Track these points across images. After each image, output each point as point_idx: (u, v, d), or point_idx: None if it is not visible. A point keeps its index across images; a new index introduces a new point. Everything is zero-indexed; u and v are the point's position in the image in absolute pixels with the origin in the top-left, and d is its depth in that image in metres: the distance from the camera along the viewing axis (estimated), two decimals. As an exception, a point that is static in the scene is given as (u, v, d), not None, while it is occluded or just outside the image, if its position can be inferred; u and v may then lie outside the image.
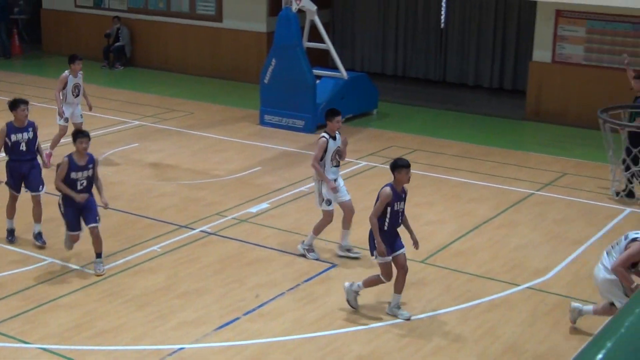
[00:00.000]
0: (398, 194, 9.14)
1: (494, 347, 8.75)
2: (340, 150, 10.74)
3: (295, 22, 17.28)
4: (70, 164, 10.07)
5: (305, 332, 9.01)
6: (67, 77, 14.41)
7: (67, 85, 14.38)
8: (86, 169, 10.17)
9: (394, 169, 9.21)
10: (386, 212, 9.10)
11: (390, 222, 9.15)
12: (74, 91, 14.43)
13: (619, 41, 17.54)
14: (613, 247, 8.58)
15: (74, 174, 10.08)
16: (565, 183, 14.15)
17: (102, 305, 9.55)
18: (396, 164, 9.23)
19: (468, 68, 21.93)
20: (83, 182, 10.16)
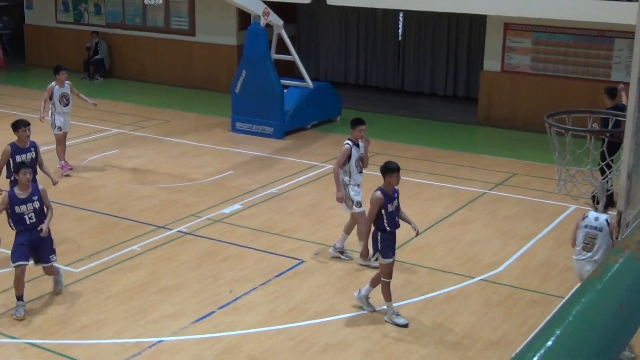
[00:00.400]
0: (389, 196, 9.00)
1: (451, 335, 8.80)
2: (363, 157, 10.65)
3: (263, 36, 17.26)
4: (12, 198, 8.98)
5: (276, 324, 9.00)
6: (53, 88, 14.14)
7: (54, 95, 14.11)
8: (30, 200, 9.00)
9: (385, 172, 9.05)
10: (382, 215, 8.94)
11: (388, 223, 8.96)
12: (61, 100, 14.16)
13: (562, 51, 17.70)
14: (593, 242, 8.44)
15: (17, 208, 8.96)
16: (515, 183, 14.25)
17: (86, 302, 9.47)
18: (387, 168, 9.07)
19: (424, 77, 22.01)
20: (31, 215, 9.02)
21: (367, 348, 8.49)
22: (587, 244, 8.52)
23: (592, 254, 8.48)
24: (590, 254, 8.50)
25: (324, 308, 9.38)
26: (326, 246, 11.19)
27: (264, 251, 11.07)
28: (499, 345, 8.60)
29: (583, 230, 8.56)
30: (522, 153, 16.19)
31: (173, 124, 18.38)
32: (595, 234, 8.48)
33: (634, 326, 2.95)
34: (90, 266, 10.43)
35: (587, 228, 8.53)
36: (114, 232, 11.70)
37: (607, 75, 17.26)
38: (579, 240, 8.57)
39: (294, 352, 8.39)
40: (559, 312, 2.82)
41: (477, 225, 12.16)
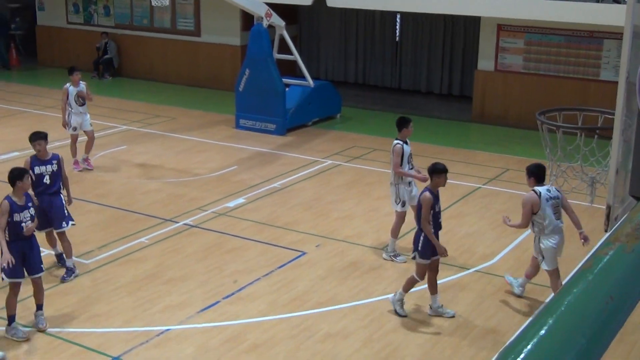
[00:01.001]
0: (436, 197, 8.84)
1: (447, 324, 8.81)
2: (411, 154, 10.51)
3: (266, 36, 17.24)
4: (12, 206, 8.29)
5: (279, 313, 9.00)
6: (67, 88, 13.93)
7: (69, 95, 13.91)
8: (27, 207, 8.40)
9: (433, 173, 8.83)
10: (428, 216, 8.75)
11: (433, 224, 8.79)
12: (77, 100, 13.92)
13: (553, 51, 17.68)
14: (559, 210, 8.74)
15: (16, 216, 8.31)
16: (508, 178, 14.25)
17: (95, 292, 9.48)
18: (435, 169, 8.85)
19: (421, 76, 21.98)
20: (28, 222, 8.37)
21: (367, 337, 8.49)
22: (556, 212, 8.70)
23: (561, 220, 8.79)
24: (560, 220, 8.78)
25: (324, 298, 9.38)
26: (327, 238, 11.19)
27: (267, 243, 11.07)
28: (493, 334, 8.60)
29: (548, 203, 8.67)
30: (515, 149, 16.18)
31: (179, 121, 18.37)
32: (558, 202, 8.73)
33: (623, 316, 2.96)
34: (99, 258, 10.43)
35: (550, 200, 8.68)
36: (122, 225, 11.70)
37: (596, 75, 17.26)
38: (549, 213, 8.63)
39: (295, 340, 8.40)
40: (551, 302, 2.82)
41: (471, 219, 12.16)
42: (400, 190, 10.43)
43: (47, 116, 18.60)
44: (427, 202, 8.70)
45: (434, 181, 8.85)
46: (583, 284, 2.93)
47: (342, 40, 22.83)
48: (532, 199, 8.68)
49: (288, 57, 18.30)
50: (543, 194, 8.67)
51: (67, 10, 24.89)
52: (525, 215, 8.75)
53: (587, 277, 2.97)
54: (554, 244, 8.76)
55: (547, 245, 8.78)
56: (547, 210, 8.64)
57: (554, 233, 8.75)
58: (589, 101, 16.69)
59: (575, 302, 2.78)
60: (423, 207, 8.72)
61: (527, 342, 2.56)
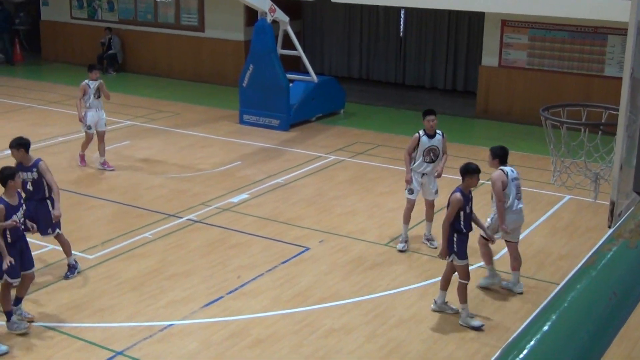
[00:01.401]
0: (467, 197, 8.64)
1: (450, 320, 8.80)
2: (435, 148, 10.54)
3: (270, 32, 17.23)
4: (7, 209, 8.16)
5: (282, 309, 9.01)
6: (87, 84, 13.72)
7: (88, 91, 13.68)
8: (20, 206, 8.39)
9: (466, 173, 8.63)
10: (459, 216, 8.56)
11: (464, 225, 8.61)
12: (95, 94, 13.75)
13: (557, 47, 17.65)
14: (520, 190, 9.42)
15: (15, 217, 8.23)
16: (512, 173, 14.21)
17: (99, 287, 9.50)
18: (468, 169, 8.65)
19: (425, 72, 21.96)
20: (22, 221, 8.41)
21: (370, 332, 8.50)
22: (518, 193, 9.32)
23: (522, 201, 9.42)
24: (521, 200, 9.41)
25: (328, 294, 9.39)
26: (330, 234, 11.19)
27: (271, 239, 11.08)
28: (496, 330, 8.60)
29: (513, 183, 9.24)
30: (519, 145, 16.15)
31: (183, 117, 18.37)
32: (519, 183, 9.42)
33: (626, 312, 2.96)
34: (103, 253, 10.45)
35: (515, 181, 9.30)
36: (126, 220, 11.71)
37: (600, 71, 17.23)
38: (512, 192, 9.19)
39: (298, 335, 8.41)
40: (554, 298, 2.82)
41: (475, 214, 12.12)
42: (412, 177, 10.59)
43: (50, 111, 18.63)
44: (456, 203, 8.52)
45: (466, 182, 8.68)
46: (586, 280, 2.93)
47: (346, 36, 22.82)
48: (501, 177, 9.19)
49: (292, 53, 18.29)
50: (509, 173, 9.25)
51: (71, 6, 24.90)
52: (498, 192, 9.17)
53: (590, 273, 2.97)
54: (512, 221, 9.27)
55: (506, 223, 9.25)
56: (512, 190, 9.20)
57: (512, 213, 9.24)
58: (593, 97, 16.65)
59: (578, 298, 2.79)
60: (450, 207, 8.57)
61: (530, 338, 2.56)
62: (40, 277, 9.61)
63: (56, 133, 16.35)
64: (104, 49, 23.51)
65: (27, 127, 16.97)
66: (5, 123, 17.42)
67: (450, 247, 8.62)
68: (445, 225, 8.60)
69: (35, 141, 15.75)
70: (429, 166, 10.59)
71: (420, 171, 10.60)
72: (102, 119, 14.01)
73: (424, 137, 10.50)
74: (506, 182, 9.19)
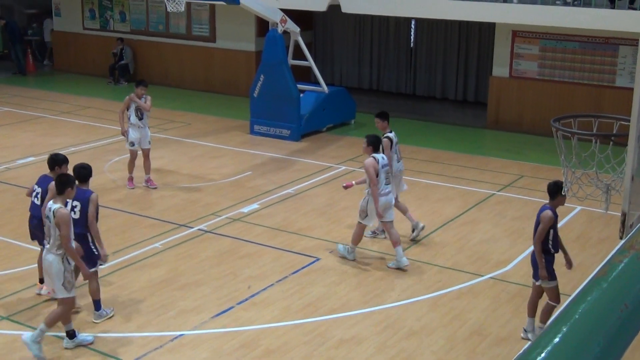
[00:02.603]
0: (556, 215, 8.40)
1: (461, 331, 8.78)
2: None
3: (281, 42, 17.28)
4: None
5: (292, 319, 9.01)
6: (130, 100, 13.37)
7: (130, 107, 13.38)
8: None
9: (557, 191, 8.29)
10: (548, 235, 8.30)
11: (553, 245, 8.34)
12: (136, 113, 13.37)
13: (569, 57, 17.64)
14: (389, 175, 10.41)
15: None
16: (522, 184, 14.20)
17: (110, 297, 9.51)
18: (559, 187, 8.27)
19: (435, 82, 21.98)
20: None
21: (380, 343, 8.48)
22: (387, 178, 10.31)
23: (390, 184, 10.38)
24: (389, 185, 10.35)
25: (338, 304, 9.38)
26: (341, 244, 11.19)
27: (281, 249, 11.08)
28: (507, 341, 8.57)
29: (383, 169, 10.24)
30: (529, 156, 16.13)
31: (194, 127, 18.43)
32: (388, 169, 10.40)
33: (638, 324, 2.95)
34: (114, 263, 10.47)
35: (384, 167, 10.30)
36: (137, 230, 11.74)
37: (611, 81, 17.20)
38: (382, 178, 10.18)
39: (309, 346, 8.40)
40: (565, 310, 2.81)
41: (486, 225, 12.13)
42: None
43: (62, 121, 18.72)
44: (548, 221, 8.27)
45: (557, 200, 8.39)
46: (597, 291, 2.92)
47: (356, 46, 22.86)
48: (374, 163, 10.18)
49: (303, 63, 18.34)
50: (380, 160, 10.25)
51: (83, 16, 25.04)
52: (372, 176, 10.13)
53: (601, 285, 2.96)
54: (383, 203, 10.23)
55: (372, 205, 10.22)
56: (381, 176, 10.21)
57: (381, 195, 10.20)
58: (604, 108, 16.64)
59: (589, 310, 2.78)
60: (541, 225, 8.27)
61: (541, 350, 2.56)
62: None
63: (67, 143, 16.42)
64: (115, 60, 23.63)
65: (39, 137, 17.07)
66: (17, 133, 17.51)
67: (535, 268, 8.35)
68: (538, 246, 8.30)
69: (47, 151, 15.85)
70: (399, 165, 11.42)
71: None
72: (146, 136, 13.52)
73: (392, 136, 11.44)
74: (377, 168, 10.16)
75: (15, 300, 9.38)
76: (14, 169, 14.71)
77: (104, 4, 24.47)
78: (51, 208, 7.95)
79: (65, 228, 7.87)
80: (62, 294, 8.06)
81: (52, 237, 7.96)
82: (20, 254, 10.78)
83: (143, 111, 13.40)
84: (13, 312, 9.07)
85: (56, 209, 7.88)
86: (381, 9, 18.47)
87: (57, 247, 7.96)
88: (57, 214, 7.85)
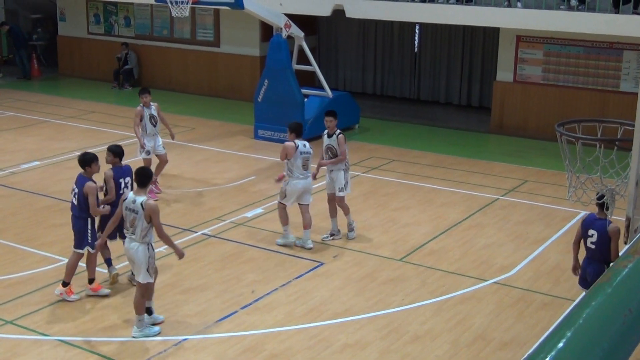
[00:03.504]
0: None
1: (465, 336, 8.77)
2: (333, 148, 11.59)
3: (285, 47, 17.30)
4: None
5: (296, 324, 9.00)
6: (142, 110, 13.39)
7: (144, 117, 13.39)
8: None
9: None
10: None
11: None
12: (151, 121, 13.40)
13: (573, 62, 17.62)
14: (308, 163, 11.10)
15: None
16: (526, 189, 14.19)
17: (114, 301, 9.52)
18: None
19: (439, 87, 21.97)
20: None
21: (384, 348, 8.47)
22: (305, 165, 11.01)
23: (308, 172, 11.17)
24: (308, 171, 11.13)
25: (342, 309, 9.37)
26: (344, 249, 11.20)
27: (285, 254, 11.08)
28: (511, 346, 8.56)
29: (301, 156, 10.95)
30: (534, 160, 16.12)
31: (198, 131, 18.44)
32: (308, 157, 11.10)
33: (643, 329, 2.94)
34: (118, 267, 10.45)
35: (303, 154, 10.98)
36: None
37: (616, 86, 17.18)
38: (299, 164, 10.93)
39: (312, 351, 8.39)
40: (570, 314, 2.81)
41: (490, 230, 12.12)
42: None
43: (67, 126, 18.74)
44: (619, 236, 7.95)
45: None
46: (601, 296, 2.91)
47: (360, 51, 22.86)
48: (290, 147, 10.96)
49: (307, 68, 18.34)
50: (300, 147, 10.97)
51: (88, 21, 25.09)
52: (282, 157, 11.04)
53: (605, 290, 2.96)
54: (298, 187, 11.03)
55: (292, 187, 11.04)
56: (298, 161, 10.92)
57: (299, 179, 11.02)
58: (608, 112, 16.61)
59: (593, 314, 2.77)
60: (613, 242, 8.01)
61: (545, 355, 2.55)
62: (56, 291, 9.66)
63: (72, 147, 16.43)
64: (120, 64, 23.67)
65: (44, 142, 17.10)
66: (22, 137, 17.53)
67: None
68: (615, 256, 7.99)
69: (51, 156, 15.88)
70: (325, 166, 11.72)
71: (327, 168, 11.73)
72: (159, 143, 13.59)
73: (325, 136, 11.74)
74: (293, 152, 10.91)
75: (19, 305, 9.39)
76: (19, 174, 14.72)
77: (109, 9, 24.51)
78: (136, 200, 8.50)
79: (156, 218, 8.45)
80: (146, 279, 8.59)
81: (139, 227, 8.49)
82: (24, 258, 10.79)
83: (157, 119, 13.46)
84: (17, 316, 9.08)
85: (144, 201, 8.45)
86: (385, 13, 18.49)
87: (143, 236, 8.50)
88: (147, 206, 8.42)
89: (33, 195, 13.49)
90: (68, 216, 9.87)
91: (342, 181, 11.57)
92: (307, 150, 11.11)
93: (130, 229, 8.59)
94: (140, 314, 8.63)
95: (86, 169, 9.40)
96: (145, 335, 8.62)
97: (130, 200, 8.55)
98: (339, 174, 11.55)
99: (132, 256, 8.66)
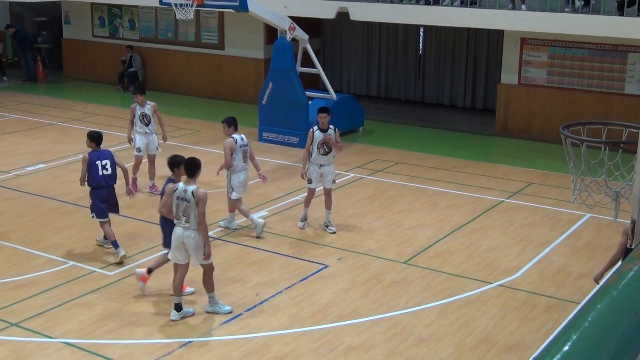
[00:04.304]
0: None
1: (469, 339, 8.75)
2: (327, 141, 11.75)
3: (289, 50, 17.31)
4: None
5: (301, 326, 8.99)
6: (134, 108, 13.76)
7: (135, 115, 13.75)
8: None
9: None
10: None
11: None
12: (142, 119, 13.70)
13: (577, 65, 17.61)
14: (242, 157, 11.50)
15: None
16: (531, 192, 14.17)
17: (119, 304, 9.52)
18: None
19: (444, 90, 21.97)
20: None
21: (389, 350, 8.46)
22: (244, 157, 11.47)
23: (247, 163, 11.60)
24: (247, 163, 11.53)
25: (346, 311, 9.36)
26: (349, 251, 11.19)
27: (289, 256, 11.07)
28: (516, 349, 8.54)
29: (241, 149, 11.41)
30: (538, 163, 16.10)
31: (202, 134, 18.46)
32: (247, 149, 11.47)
33: (649, 332, 2.93)
34: (122, 270, 10.48)
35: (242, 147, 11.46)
36: (145, 237, 11.75)
37: (620, 89, 17.16)
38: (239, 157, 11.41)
39: (317, 353, 8.38)
40: (575, 317, 2.80)
41: (494, 233, 12.10)
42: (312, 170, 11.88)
43: (72, 128, 18.77)
44: None
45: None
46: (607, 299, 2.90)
47: (365, 54, 22.88)
48: (231, 143, 11.35)
49: (311, 70, 18.35)
50: (238, 141, 11.40)
51: (92, 24, 25.14)
52: (227, 155, 11.34)
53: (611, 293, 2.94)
54: (241, 179, 11.52)
55: (235, 181, 11.50)
56: (239, 155, 11.40)
57: (241, 172, 11.49)
58: (613, 115, 16.60)
59: (599, 318, 2.76)
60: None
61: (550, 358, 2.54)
62: (61, 293, 9.67)
63: (77, 150, 16.44)
64: (124, 67, 23.71)
65: (49, 144, 17.13)
66: (27, 140, 17.56)
67: None
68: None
69: (56, 158, 15.90)
70: (323, 158, 11.80)
71: (317, 163, 11.82)
72: (153, 142, 13.87)
73: (317, 132, 11.76)
74: (234, 147, 11.33)
75: (24, 307, 9.39)
76: (24, 176, 14.74)
77: (114, 11, 24.56)
78: (187, 190, 8.99)
79: (203, 206, 8.88)
80: (204, 262, 9.11)
81: (192, 215, 8.90)
82: (29, 260, 10.80)
83: (149, 118, 13.72)
84: (22, 318, 9.09)
85: (194, 190, 8.94)
86: (390, 16, 18.50)
87: (197, 224, 8.91)
88: (197, 194, 8.90)
89: (38, 198, 13.51)
90: (72, 218, 9.89)
91: (334, 173, 12.00)
92: (245, 143, 11.59)
93: (183, 217, 8.97)
94: (210, 291, 9.20)
95: (175, 170, 9.83)
96: (215, 312, 9.18)
97: (182, 190, 9.00)
98: (330, 168, 11.90)
99: (188, 244, 8.96)
